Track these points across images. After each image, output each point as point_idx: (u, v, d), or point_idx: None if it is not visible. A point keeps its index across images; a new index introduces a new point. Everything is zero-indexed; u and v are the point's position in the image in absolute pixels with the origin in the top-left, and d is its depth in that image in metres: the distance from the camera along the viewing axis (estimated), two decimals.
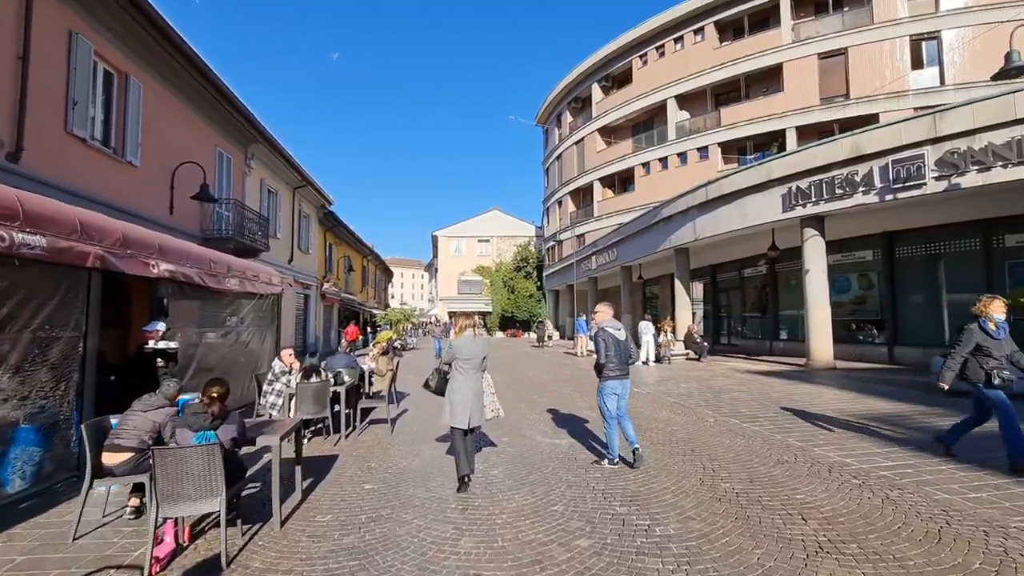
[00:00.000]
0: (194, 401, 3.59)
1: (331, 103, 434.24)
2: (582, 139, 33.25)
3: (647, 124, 29.37)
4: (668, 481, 4.47)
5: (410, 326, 37.60)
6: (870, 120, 18.34)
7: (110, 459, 3.70)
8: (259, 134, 14.52)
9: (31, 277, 4.32)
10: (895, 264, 13.68)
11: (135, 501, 3.90)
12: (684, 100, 26.85)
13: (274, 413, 6.45)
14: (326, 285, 23.66)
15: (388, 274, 51.62)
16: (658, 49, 27.66)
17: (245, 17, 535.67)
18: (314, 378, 6.36)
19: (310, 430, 6.51)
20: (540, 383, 11.67)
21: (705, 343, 16.08)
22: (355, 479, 4.79)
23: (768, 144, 23.71)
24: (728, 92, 25.62)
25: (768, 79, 23.60)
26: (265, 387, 6.60)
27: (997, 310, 4.63)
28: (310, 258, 21.67)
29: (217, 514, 3.24)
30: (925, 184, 10.09)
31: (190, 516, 3.41)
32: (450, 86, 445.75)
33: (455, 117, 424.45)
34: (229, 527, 3.53)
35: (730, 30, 25.33)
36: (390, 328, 28.20)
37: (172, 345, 6.65)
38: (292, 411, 6.23)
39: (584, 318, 20.11)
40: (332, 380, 6.61)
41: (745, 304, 19.83)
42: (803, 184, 12.30)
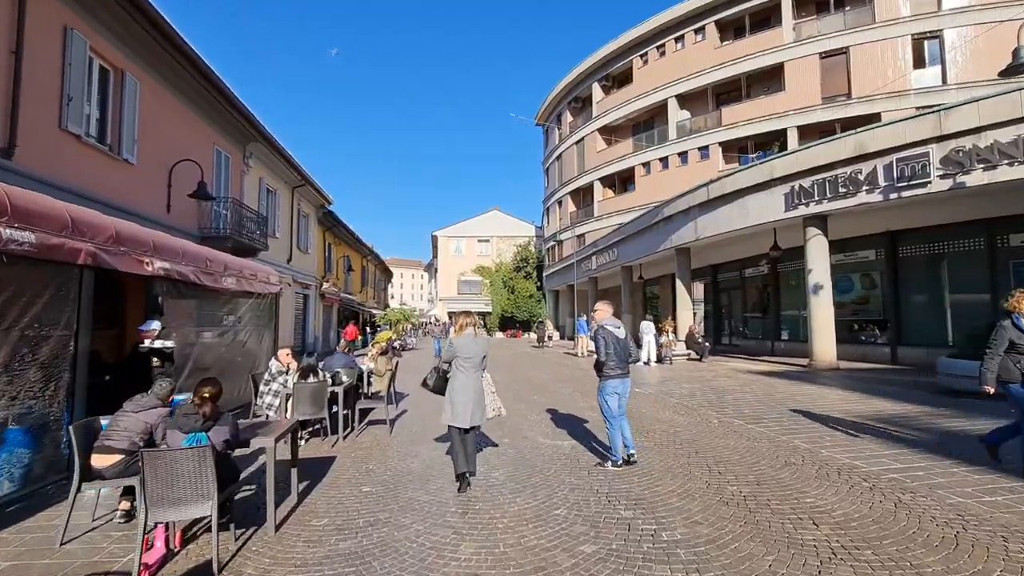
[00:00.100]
0: (186, 402, 3.48)
1: (331, 103, 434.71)
2: (582, 139, 33.14)
3: (648, 124, 29.27)
4: (673, 484, 4.36)
5: (409, 326, 37.44)
6: (872, 120, 18.23)
7: (100, 461, 3.59)
8: (258, 133, 14.41)
9: (20, 274, 4.21)
10: (898, 264, 13.58)
11: (126, 504, 3.79)
12: (685, 100, 26.75)
13: (271, 414, 6.35)
14: (325, 285, 23.55)
15: (388, 274, 51.51)
16: (659, 48, 27.57)
17: (245, 17, 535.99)
18: (311, 378, 6.25)
19: (307, 431, 6.39)
20: (540, 383, 11.56)
21: (706, 343, 15.98)
22: (353, 481, 4.68)
23: (769, 144, 23.61)
24: (729, 91, 25.51)
25: (769, 78, 23.51)
26: (262, 387, 6.49)
27: None
28: (309, 258, 21.55)
29: (209, 518, 3.13)
30: (930, 182, 9.98)
31: (181, 521, 3.30)
32: (450, 86, 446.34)
33: (455, 117, 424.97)
34: (222, 532, 3.43)
35: (731, 29, 25.23)
36: (389, 328, 28.09)
37: (169, 344, 6.55)
38: (289, 412, 6.13)
39: (584, 318, 19.98)
40: (330, 380, 6.50)
41: (746, 304, 19.73)
42: (806, 183, 12.19)
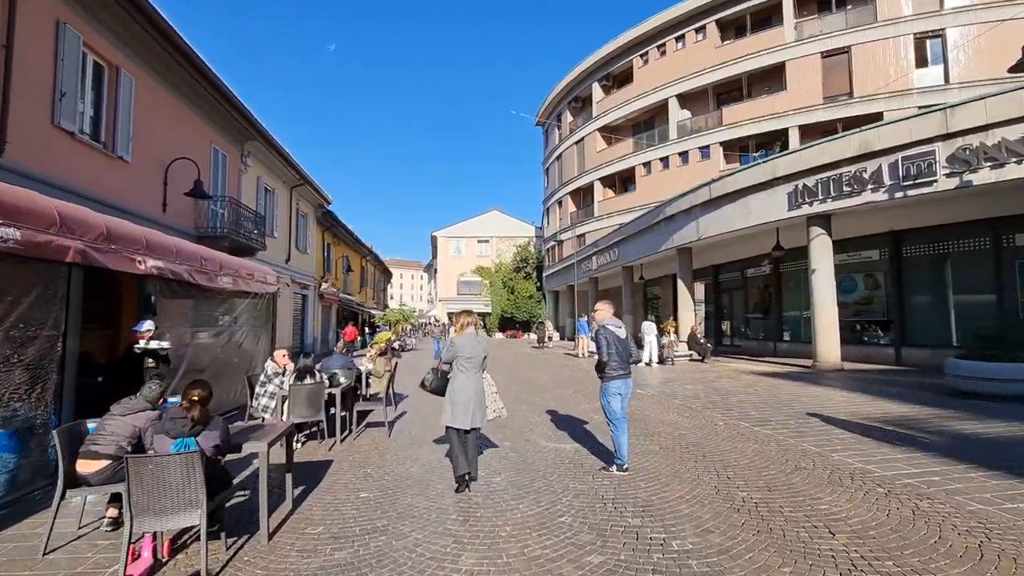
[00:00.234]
0: (175, 405, 3.33)
1: (330, 103, 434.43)
2: (582, 139, 33.01)
3: (648, 123, 29.14)
4: (681, 489, 4.22)
5: (409, 327, 37.27)
6: (874, 119, 18.06)
7: (85, 467, 3.44)
8: (256, 131, 14.26)
9: (5, 272, 4.06)
10: (902, 264, 13.45)
11: (113, 512, 3.64)
12: (685, 99, 26.63)
13: (267, 416, 6.20)
14: (324, 285, 23.39)
15: (387, 275, 51.35)
16: (659, 48, 27.45)
17: (245, 17, 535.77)
18: (308, 380, 6.10)
19: (304, 434, 6.26)
20: (541, 384, 11.42)
21: (708, 344, 15.84)
22: (350, 487, 4.54)
23: (770, 143, 23.48)
24: (730, 91, 25.39)
25: (770, 78, 23.40)
26: (257, 389, 6.34)
27: None
28: (308, 258, 21.40)
29: (199, 527, 2.98)
30: (936, 181, 9.85)
31: (169, 530, 3.15)
32: (450, 86, 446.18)
33: (455, 117, 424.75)
34: (213, 540, 3.29)
35: (732, 28, 25.11)
36: (389, 329, 27.93)
37: (164, 345, 6.40)
38: (285, 414, 5.98)
39: (585, 319, 19.84)
40: (327, 382, 6.35)
41: (748, 305, 19.59)
42: (809, 182, 12.06)
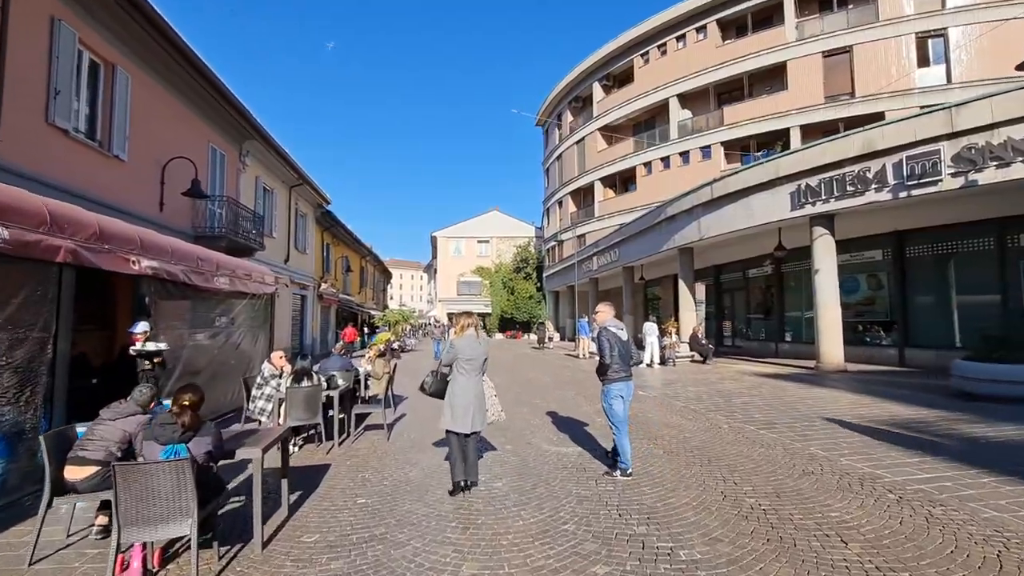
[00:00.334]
0: (166, 410, 3.23)
1: (330, 103, 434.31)
2: (583, 139, 32.90)
3: (649, 123, 29.04)
4: (687, 495, 4.12)
5: (408, 327, 37.17)
6: (875, 119, 17.96)
7: (73, 473, 3.33)
8: (254, 130, 14.16)
9: None
10: (906, 264, 13.33)
11: (103, 519, 3.53)
12: (686, 99, 26.52)
13: (263, 419, 6.11)
14: (323, 286, 23.28)
15: (387, 275, 51.25)
16: (660, 47, 27.35)
17: (245, 16, 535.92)
18: (305, 382, 6.00)
19: (301, 437, 6.15)
20: (542, 386, 11.32)
21: (710, 345, 15.73)
22: (347, 492, 4.43)
23: (772, 143, 23.38)
24: (731, 91, 25.29)
25: (772, 77, 23.30)
26: (254, 391, 6.24)
27: None
28: (307, 258, 21.29)
29: (190, 536, 2.88)
30: (941, 180, 9.75)
31: (159, 540, 3.04)
32: (450, 86, 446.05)
33: (455, 117, 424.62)
34: (205, 549, 3.19)
35: (733, 28, 25.01)
36: (388, 329, 27.83)
37: (162, 346, 6.30)
38: (282, 417, 5.88)
39: (586, 319, 19.75)
40: (325, 384, 6.25)
41: (749, 305, 19.48)
42: (812, 181, 11.95)
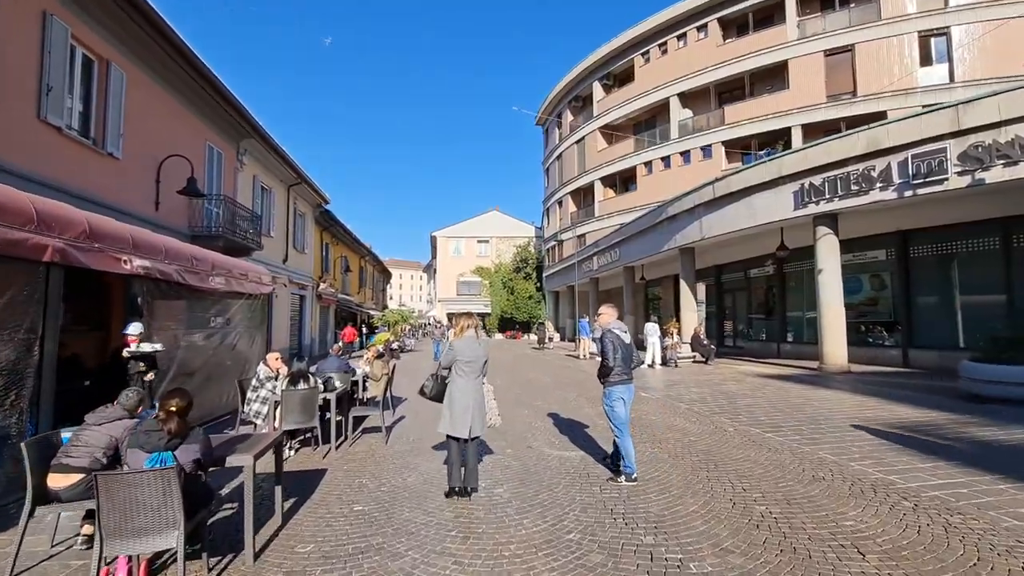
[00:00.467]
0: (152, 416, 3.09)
1: (330, 103, 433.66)
2: (583, 138, 32.77)
3: (649, 123, 28.91)
4: (695, 502, 3.98)
5: (408, 327, 37.04)
6: (877, 118, 17.80)
7: (56, 481, 3.19)
8: (252, 129, 14.01)
9: None
10: (909, 264, 13.21)
11: (88, 529, 3.39)
12: (687, 98, 26.40)
13: (259, 422, 5.97)
14: (322, 286, 23.14)
15: (386, 275, 51.10)
16: (660, 47, 27.22)
17: (245, 16, 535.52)
18: (302, 384, 5.86)
19: (297, 440, 6.01)
20: (543, 387, 11.19)
21: (712, 345, 15.60)
22: (344, 499, 4.30)
23: (773, 143, 23.22)
24: (732, 90, 25.16)
25: (773, 76, 23.17)
26: (249, 394, 6.10)
27: None
28: (306, 258, 21.15)
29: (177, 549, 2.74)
30: (947, 179, 9.63)
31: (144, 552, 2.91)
32: (449, 86, 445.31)
33: (455, 117, 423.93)
34: (194, 560, 3.06)
35: (734, 27, 24.89)
36: (387, 329, 27.70)
37: (158, 347, 6.17)
38: (278, 420, 5.74)
39: (587, 319, 19.62)
40: (321, 386, 6.11)
41: (751, 305, 19.36)
42: (816, 180, 11.83)
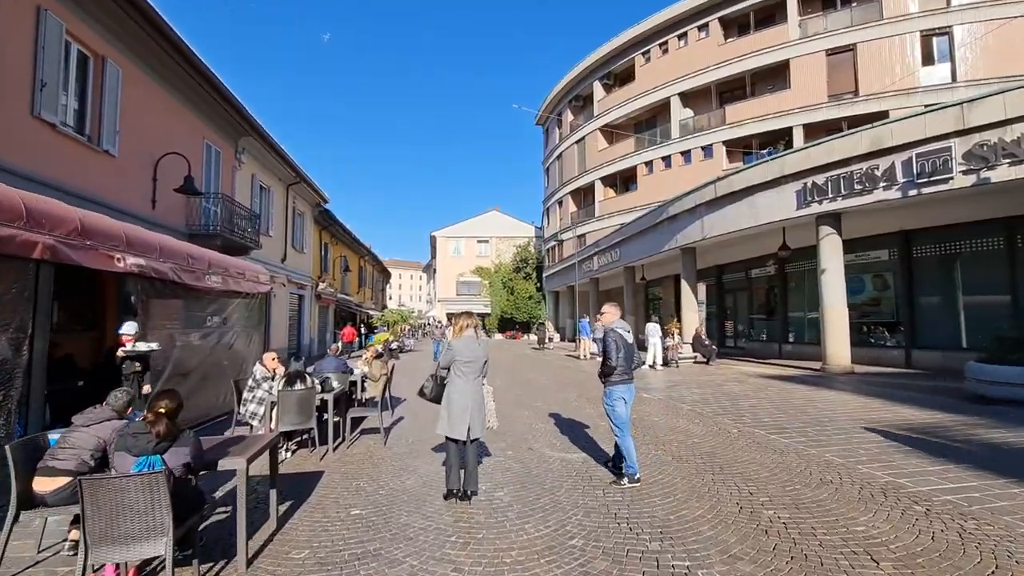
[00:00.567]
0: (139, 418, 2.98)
1: (329, 104, 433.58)
2: (583, 138, 32.68)
3: (650, 122, 28.82)
4: (701, 507, 3.88)
5: (408, 327, 36.94)
6: (879, 117, 17.69)
7: (42, 485, 3.09)
8: (250, 127, 13.91)
9: None
10: (912, 264, 13.13)
11: (76, 534, 3.28)
12: (688, 98, 26.30)
13: (255, 423, 5.87)
14: (321, 285, 23.03)
15: (386, 275, 51.00)
16: (661, 46, 27.13)
17: (245, 16, 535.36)
18: (298, 384, 5.76)
19: (294, 441, 5.91)
20: (543, 387, 11.08)
21: (713, 346, 15.51)
22: (340, 502, 4.19)
23: (774, 142, 23.14)
24: (733, 89, 25.06)
25: (774, 76, 23.08)
26: (245, 394, 6.00)
27: None
28: (305, 257, 21.04)
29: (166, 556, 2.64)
30: (952, 178, 9.54)
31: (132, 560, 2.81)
32: (449, 86, 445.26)
33: (454, 117, 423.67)
34: (184, 567, 2.95)
35: (735, 26, 24.80)
36: (387, 329, 27.60)
37: (154, 346, 6.07)
38: (274, 421, 5.64)
39: (587, 319, 19.52)
40: (319, 387, 6.01)
41: (752, 306, 19.27)
42: (819, 180, 11.74)
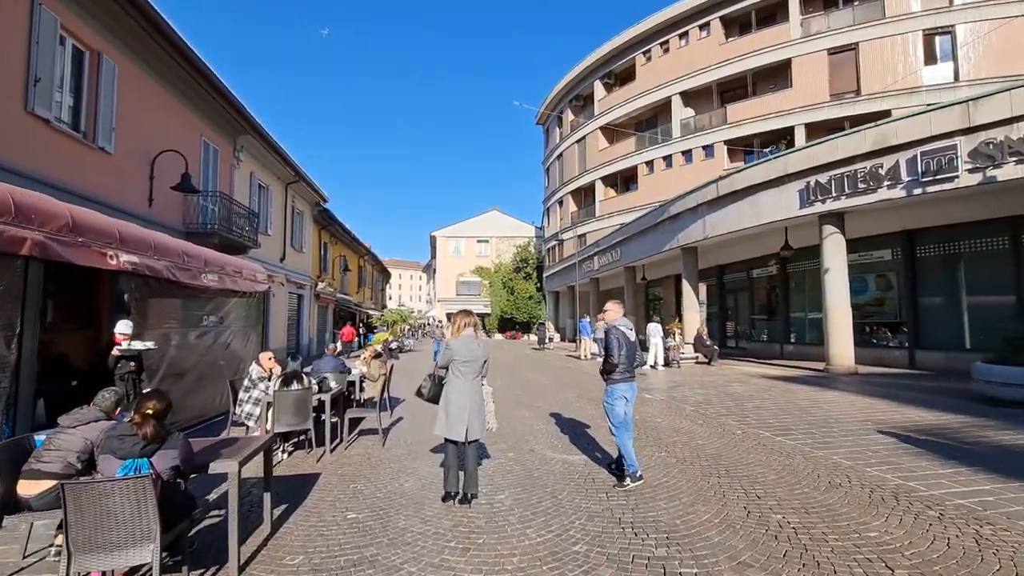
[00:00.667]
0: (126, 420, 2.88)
1: (329, 104, 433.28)
2: (584, 137, 32.58)
3: (651, 122, 28.72)
4: (708, 510, 3.78)
5: (407, 327, 36.83)
6: (881, 117, 17.53)
7: (27, 488, 2.99)
8: (248, 125, 13.80)
9: None
10: (916, 264, 13.02)
11: (63, 539, 3.18)
12: (689, 97, 26.20)
13: (251, 424, 5.77)
14: (320, 285, 22.93)
15: (386, 275, 50.91)
16: (662, 45, 27.03)
17: (246, 16, 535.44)
18: (295, 385, 5.65)
19: (291, 443, 5.80)
20: (544, 388, 10.98)
21: (715, 346, 15.40)
22: (337, 505, 4.09)
23: (776, 142, 23.04)
24: (734, 89, 24.96)
25: (776, 75, 22.97)
26: (241, 394, 5.90)
27: None
28: (304, 257, 20.94)
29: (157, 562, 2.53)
30: (958, 177, 9.44)
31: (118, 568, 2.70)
32: (449, 86, 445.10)
33: (454, 117, 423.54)
34: (173, 573, 2.85)
35: (736, 25, 24.71)
36: (386, 329, 27.49)
37: (150, 345, 5.97)
38: (270, 422, 5.53)
39: (587, 319, 19.42)
40: (316, 387, 5.90)
41: (753, 306, 19.16)
42: (822, 178, 11.63)
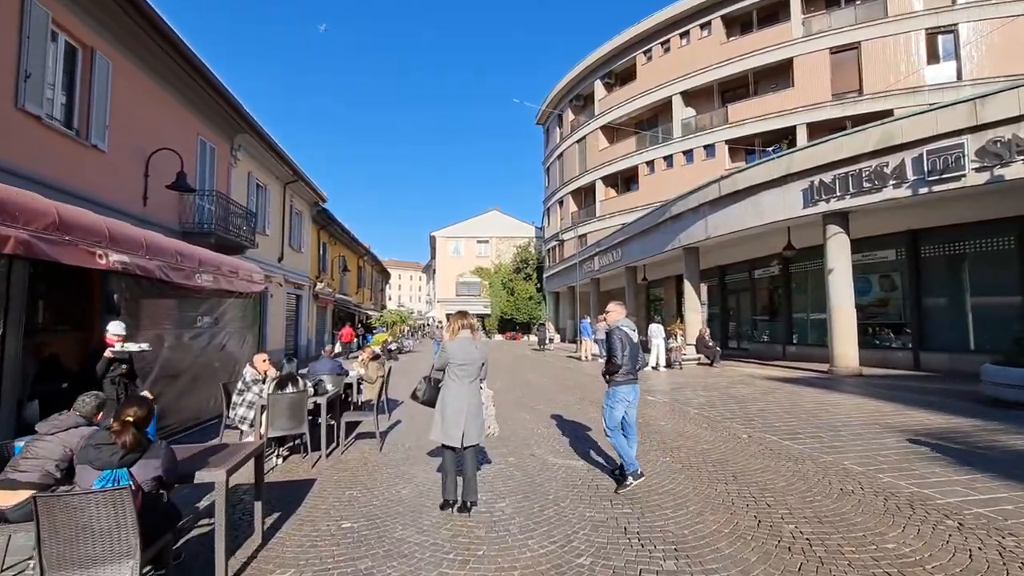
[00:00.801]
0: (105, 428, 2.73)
1: (329, 103, 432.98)
2: (584, 137, 32.46)
3: (651, 122, 28.60)
4: (716, 520, 3.63)
5: (407, 328, 36.65)
6: (884, 116, 17.37)
7: (3, 499, 2.83)
8: (246, 124, 13.65)
9: None
10: (920, 264, 12.88)
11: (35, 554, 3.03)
12: (690, 97, 26.08)
13: (244, 428, 5.62)
14: (319, 285, 22.78)
15: (385, 275, 50.75)
16: (663, 45, 26.92)
17: (246, 16, 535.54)
18: (290, 388, 5.50)
19: (286, 447, 5.65)
20: (544, 389, 10.83)
21: (717, 347, 15.26)
22: (331, 514, 3.94)
23: (777, 141, 22.92)
24: (736, 88, 24.84)
25: (777, 75, 22.86)
26: (235, 398, 5.75)
27: None
28: (302, 257, 20.79)
29: None
30: (964, 176, 9.30)
31: None
32: (449, 86, 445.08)
33: (454, 117, 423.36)
34: None
35: (737, 24, 24.59)
36: (386, 330, 27.32)
37: (144, 347, 5.81)
38: (264, 425, 5.38)
39: (588, 320, 19.28)
40: (311, 390, 5.75)
41: (755, 306, 19.02)
42: (826, 178, 11.49)
